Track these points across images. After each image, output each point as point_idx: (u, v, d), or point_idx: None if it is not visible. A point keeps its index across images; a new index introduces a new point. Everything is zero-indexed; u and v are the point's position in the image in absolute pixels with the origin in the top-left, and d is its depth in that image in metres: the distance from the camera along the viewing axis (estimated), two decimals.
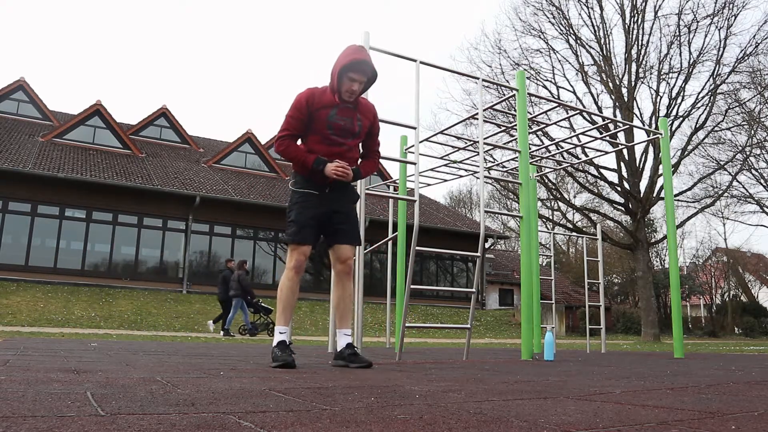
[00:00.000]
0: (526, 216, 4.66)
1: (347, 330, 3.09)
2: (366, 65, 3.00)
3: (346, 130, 3.04)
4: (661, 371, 3.28)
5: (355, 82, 2.98)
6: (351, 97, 3.02)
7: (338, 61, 2.99)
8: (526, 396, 1.81)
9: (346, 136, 3.05)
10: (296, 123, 3.00)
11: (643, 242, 19.71)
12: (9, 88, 21.28)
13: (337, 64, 3.00)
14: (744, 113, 20.53)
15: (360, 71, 2.98)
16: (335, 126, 3.01)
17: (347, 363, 3.00)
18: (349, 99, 3.02)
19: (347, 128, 3.04)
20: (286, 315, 3.01)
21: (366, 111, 3.15)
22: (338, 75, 2.98)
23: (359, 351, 3.09)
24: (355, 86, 2.99)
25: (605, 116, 7.46)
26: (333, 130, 3.01)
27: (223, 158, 22.80)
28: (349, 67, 2.96)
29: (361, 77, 3.00)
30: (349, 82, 2.98)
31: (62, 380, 1.92)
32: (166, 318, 14.06)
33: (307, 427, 1.14)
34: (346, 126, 3.03)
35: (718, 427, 1.25)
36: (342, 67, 2.96)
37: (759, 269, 37.77)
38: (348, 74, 2.97)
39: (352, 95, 3.02)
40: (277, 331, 2.98)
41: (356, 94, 3.03)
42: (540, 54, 20.82)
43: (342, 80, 2.98)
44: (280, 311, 3.01)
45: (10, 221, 16.50)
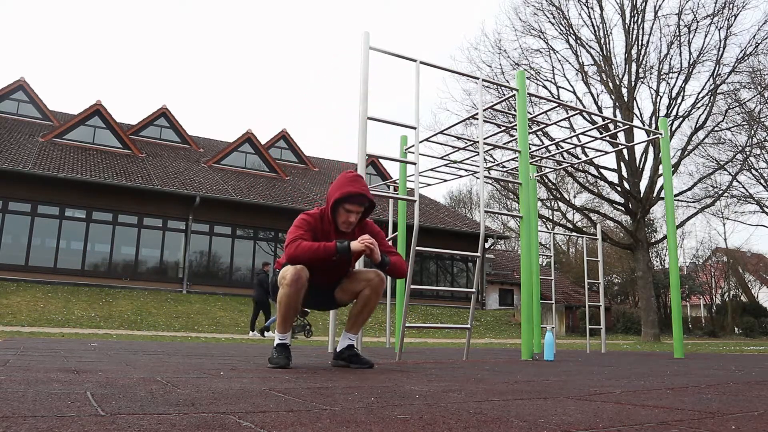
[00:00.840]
0: (526, 216, 4.66)
1: (353, 335, 3.05)
2: (362, 197, 2.89)
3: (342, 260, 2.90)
4: (661, 371, 3.28)
5: (351, 214, 2.90)
6: (348, 228, 2.94)
7: (333, 191, 2.91)
8: (526, 396, 1.81)
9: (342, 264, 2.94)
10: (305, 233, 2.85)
11: (643, 242, 19.70)
12: (9, 88, 21.28)
13: (332, 193, 2.90)
14: (744, 113, 20.52)
15: (356, 203, 2.89)
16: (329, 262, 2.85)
17: (348, 363, 2.99)
18: (346, 230, 2.94)
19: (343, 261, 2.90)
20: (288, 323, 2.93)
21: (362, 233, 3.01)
22: (333, 205, 2.90)
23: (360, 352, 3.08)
24: (352, 217, 2.91)
25: (605, 116, 7.47)
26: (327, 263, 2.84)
27: (223, 158, 22.80)
28: (345, 200, 2.87)
29: (358, 208, 2.90)
30: (345, 214, 2.90)
31: (62, 380, 1.92)
32: (166, 318, 14.06)
33: (307, 427, 1.14)
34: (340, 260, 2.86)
35: (718, 427, 1.25)
36: (335, 200, 2.87)
37: (759, 269, 37.77)
38: (344, 206, 2.88)
39: (350, 227, 2.94)
40: (277, 337, 2.93)
41: (354, 225, 2.95)
42: (540, 54, 20.82)
43: (338, 211, 2.91)
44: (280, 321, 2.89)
45: (10, 221, 16.50)
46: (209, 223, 19.01)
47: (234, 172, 22.29)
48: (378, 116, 4.01)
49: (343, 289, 3.01)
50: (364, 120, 3.99)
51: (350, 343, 3.04)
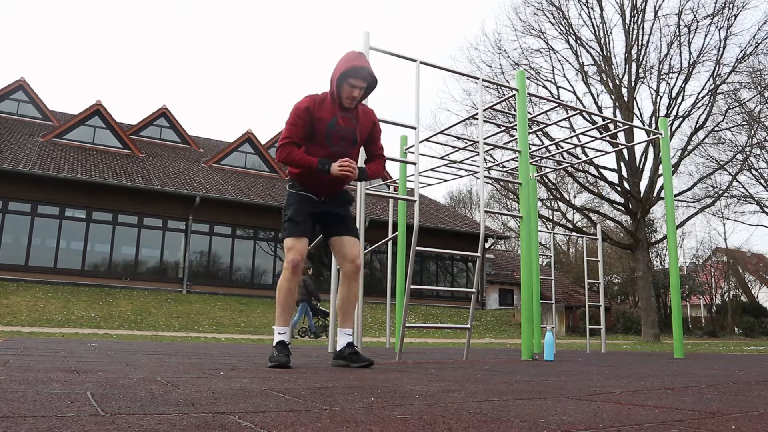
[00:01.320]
0: (526, 216, 4.66)
1: (348, 330, 3.08)
2: (365, 71, 2.99)
3: (345, 139, 3.04)
4: (661, 371, 3.28)
5: (355, 88, 2.97)
6: (352, 103, 3.02)
7: (337, 68, 2.98)
8: (526, 396, 1.81)
9: (345, 144, 3.05)
10: (298, 130, 2.97)
11: (643, 242, 19.70)
12: (9, 88, 21.28)
13: (336, 70, 2.98)
14: (744, 113, 20.52)
15: (360, 77, 2.97)
16: (334, 135, 3.00)
17: (348, 362, 2.99)
18: (350, 105, 3.02)
19: (346, 137, 3.04)
20: (286, 315, 3.01)
21: (365, 118, 3.15)
22: (338, 81, 2.97)
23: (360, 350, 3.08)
24: (356, 92, 2.98)
25: (605, 116, 7.46)
26: (332, 139, 3.00)
27: (223, 158, 22.79)
28: (349, 74, 2.95)
29: (361, 83, 2.98)
30: (349, 88, 2.97)
31: (62, 380, 1.92)
32: (166, 318, 14.06)
33: (307, 427, 1.14)
34: (345, 135, 3.03)
35: (718, 427, 1.25)
36: (341, 73, 2.94)
37: (759, 269, 37.77)
38: (348, 80, 2.96)
39: (353, 101, 3.01)
40: (276, 332, 2.98)
41: (357, 100, 3.02)
42: (540, 54, 20.82)
43: (342, 86, 2.97)
44: (279, 312, 3.00)
45: (10, 221, 16.50)
46: (209, 223, 19.00)
47: (234, 172, 22.29)
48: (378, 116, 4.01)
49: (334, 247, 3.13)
50: None
51: (349, 340, 3.05)
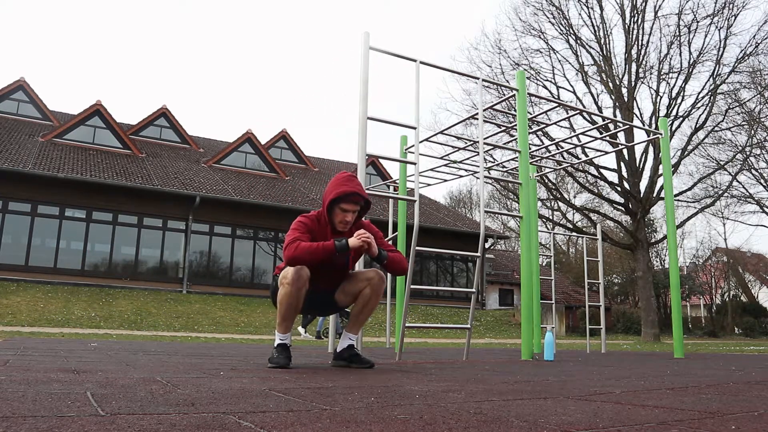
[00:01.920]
0: (526, 216, 4.66)
1: (353, 335, 3.06)
2: (357, 196, 2.91)
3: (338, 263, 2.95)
4: (661, 371, 3.28)
5: (348, 213, 2.92)
6: (345, 227, 2.96)
7: (327, 192, 2.94)
8: (526, 396, 1.81)
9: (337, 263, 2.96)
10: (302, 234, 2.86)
11: (643, 242, 19.70)
12: (9, 88, 21.28)
13: (326, 195, 2.94)
14: (744, 113, 20.52)
15: (351, 201, 2.91)
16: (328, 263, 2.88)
17: (348, 363, 2.99)
18: (343, 230, 2.96)
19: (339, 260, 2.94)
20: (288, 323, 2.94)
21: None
22: (329, 207, 2.93)
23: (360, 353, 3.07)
24: (348, 216, 2.93)
25: (605, 116, 7.46)
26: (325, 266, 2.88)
27: (223, 158, 22.79)
28: (340, 199, 2.90)
29: (353, 207, 2.93)
30: (341, 213, 2.92)
31: (62, 380, 1.92)
32: (166, 318, 14.06)
33: (307, 427, 1.14)
34: (339, 261, 2.93)
35: (718, 427, 1.25)
36: (332, 199, 2.89)
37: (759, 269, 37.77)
38: (340, 205, 2.91)
39: (346, 226, 2.95)
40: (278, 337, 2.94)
41: (350, 224, 2.96)
42: (540, 54, 20.82)
43: (334, 212, 2.93)
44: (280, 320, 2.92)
45: (10, 221, 16.50)
46: (209, 223, 19.00)
47: (234, 172, 22.29)
48: (378, 116, 4.01)
49: (344, 291, 3.02)
50: (364, 120, 3.98)
51: (350, 343, 3.04)
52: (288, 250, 2.76)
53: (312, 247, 2.75)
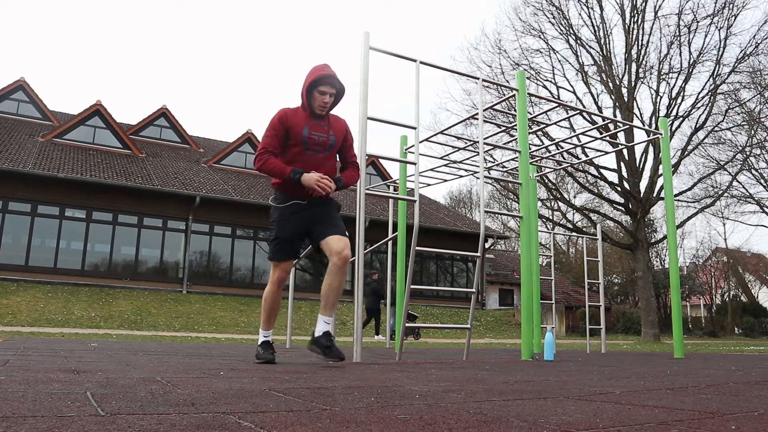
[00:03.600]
0: (526, 216, 4.66)
1: (328, 318, 3.09)
2: (333, 78, 3.15)
3: (319, 144, 3.18)
4: (661, 371, 3.28)
5: (325, 95, 3.14)
6: (324, 110, 3.18)
7: (306, 79, 3.17)
8: (526, 396, 1.81)
9: (320, 149, 3.19)
10: (273, 141, 3.13)
11: (643, 242, 19.70)
12: (9, 88, 21.28)
13: (305, 82, 3.17)
14: (744, 113, 20.52)
15: (328, 84, 3.14)
16: (309, 141, 3.15)
17: (323, 354, 3.01)
18: (321, 112, 3.18)
19: (321, 142, 3.18)
20: (270, 321, 3.27)
21: (337, 125, 3.29)
22: (307, 91, 3.16)
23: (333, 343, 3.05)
24: (327, 98, 3.15)
25: (605, 116, 7.46)
26: (307, 144, 3.15)
27: (223, 158, 22.80)
28: (318, 82, 3.13)
29: (330, 89, 3.15)
30: (320, 96, 3.14)
31: (62, 380, 1.92)
32: (166, 318, 14.06)
33: (307, 427, 1.14)
34: (319, 140, 3.17)
35: (718, 427, 1.25)
36: (310, 83, 3.13)
37: (759, 269, 37.77)
38: (318, 88, 3.13)
39: (325, 107, 3.17)
40: (261, 334, 3.26)
41: (328, 106, 3.18)
42: (540, 54, 20.83)
43: (312, 95, 3.15)
44: (264, 318, 3.26)
45: (10, 221, 16.50)
46: (209, 223, 19.00)
47: (234, 172, 22.30)
48: (378, 116, 4.01)
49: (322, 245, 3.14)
50: (364, 120, 3.98)
51: (327, 330, 3.06)
52: (257, 162, 3.12)
53: (273, 169, 3.08)
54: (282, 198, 3.18)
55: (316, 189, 3.03)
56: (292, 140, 3.14)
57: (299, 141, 3.13)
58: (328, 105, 3.17)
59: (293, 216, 3.15)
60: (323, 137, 3.19)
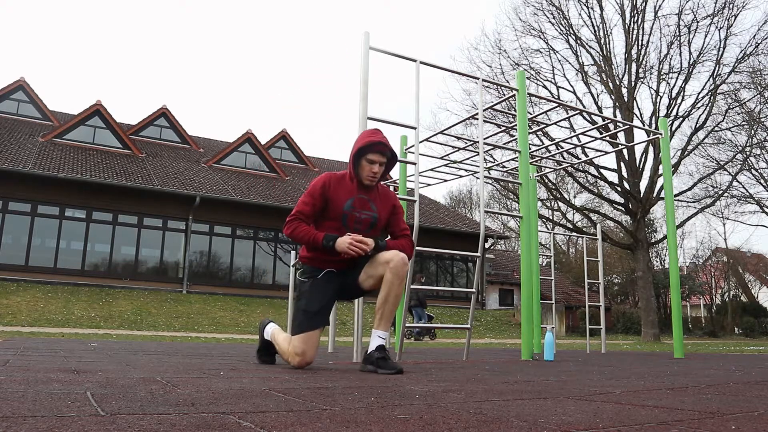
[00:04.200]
0: (526, 216, 4.66)
1: (382, 333, 2.81)
2: (384, 146, 2.87)
3: (362, 222, 2.89)
4: (661, 371, 3.28)
5: (375, 164, 2.85)
6: (373, 180, 2.89)
7: (354, 146, 2.90)
8: (526, 396, 1.81)
9: (362, 228, 2.89)
10: (308, 209, 2.85)
11: (643, 242, 19.70)
12: (9, 88, 21.28)
13: (353, 148, 2.89)
14: (744, 113, 20.52)
15: (378, 152, 2.85)
16: (349, 217, 2.87)
17: (376, 368, 2.71)
18: (371, 183, 2.89)
19: (364, 221, 2.90)
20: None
21: (385, 200, 3.00)
22: (354, 159, 2.87)
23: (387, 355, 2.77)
24: (376, 168, 2.86)
25: (605, 116, 7.46)
26: (346, 220, 2.86)
27: (223, 158, 22.80)
28: (367, 149, 2.84)
29: (381, 158, 2.86)
30: (368, 165, 2.85)
31: (62, 380, 1.92)
32: (166, 318, 14.06)
33: (307, 427, 1.14)
34: (363, 219, 2.89)
35: (718, 427, 1.25)
36: (357, 150, 2.85)
37: (759, 269, 37.77)
38: (366, 156, 2.85)
39: (374, 178, 2.88)
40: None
41: (378, 176, 2.89)
42: (540, 54, 20.82)
43: (360, 164, 2.87)
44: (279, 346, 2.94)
45: (10, 221, 16.50)
46: (209, 223, 19.01)
47: (234, 172, 22.29)
48: (378, 116, 4.01)
49: (367, 274, 2.87)
50: (364, 120, 3.98)
51: (380, 344, 2.77)
52: (287, 228, 2.86)
53: (304, 236, 2.80)
54: (309, 272, 2.90)
55: (349, 252, 2.73)
56: (330, 213, 2.86)
57: (339, 216, 2.85)
58: (378, 175, 2.87)
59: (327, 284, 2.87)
60: (366, 215, 2.90)
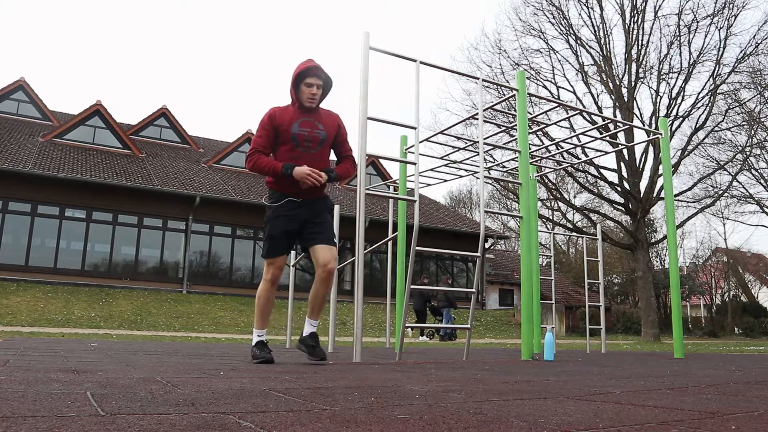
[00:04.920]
0: (526, 216, 4.66)
1: (314, 321, 3.25)
2: (319, 70, 3.15)
3: (310, 140, 3.17)
4: (661, 371, 3.28)
5: (312, 86, 3.13)
6: (313, 102, 3.16)
7: (293, 74, 3.16)
8: (526, 396, 1.81)
9: (311, 146, 3.17)
10: (262, 140, 3.14)
11: (643, 242, 19.70)
12: (9, 88, 21.28)
13: (292, 77, 3.16)
14: (744, 113, 20.52)
15: (314, 75, 3.13)
16: (299, 137, 3.14)
17: (308, 352, 3.18)
18: (311, 105, 3.16)
19: (311, 138, 3.17)
20: (264, 320, 3.28)
21: (328, 119, 3.27)
22: (294, 86, 3.15)
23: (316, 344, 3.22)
24: (314, 89, 3.13)
25: (605, 116, 7.46)
26: (297, 141, 3.14)
27: (223, 158, 22.79)
28: (304, 74, 3.12)
29: (317, 80, 3.14)
30: (307, 89, 3.13)
31: (62, 380, 1.92)
32: (166, 318, 14.06)
33: (307, 427, 1.14)
34: (310, 136, 3.16)
35: (718, 427, 1.25)
36: (296, 76, 3.13)
37: (759, 269, 37.77)
38: (305, 81, 3.13)
39: (314, 99, 3.15)
40: (255, 334, 3.26)
41: (317, 97, 3.16)
42: (540, 54, 20.82)
43: (299, 89, 3.15)
44: (258, 317, 3.27)
45: (10, 221, 16.50)
46: (209, 223, 19.00)
47: (234, 172, 22.29)
48: (378, 116, 4.01)
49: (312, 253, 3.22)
50: (364, 120, 3.98)
51: (312, 331, 3.22)
52: (248, 162, 3.16)
53: (264, 167, 3.11)
54: (276, 197, 3.20)
55: (307, 181, 3.04)
56: (282, 138, 3.15)
57: (289, 138, 3.13)
58: (317, 97, 3.16)
59: (286, 214, 3.17)
60: (315, 133, 3.17)
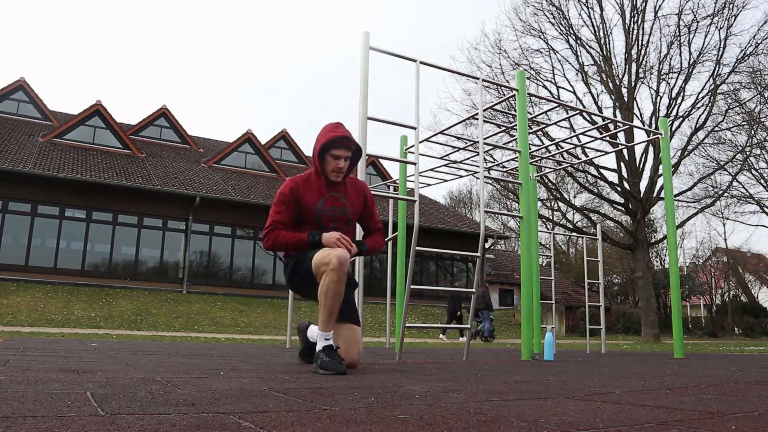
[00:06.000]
0: (526, 216, 4.66)
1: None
2: (348, 140, 2.83)
3: (338, 220, 2.87)
4: (661, 371, 3.28)
5: (340, 159, 2.81)
6: (339, 176, 2.85)
7: (317, 142, 2.85)
8: (526, 396, 1.81)
9: (338, 226, 2.87)
10: (282, 216, 2.80)
11: (643, 242, 19.70)
12: (9, 88, 21.27)
13: (316, 144, 2.85)
14: (744, 113, 20.53)
15: (342, 146, 2.81)
16: (324, 218, 2.84)
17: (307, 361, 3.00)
18: (337, 179, 2.86)
19: (339, 218, 2.88)
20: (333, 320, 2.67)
21: (354, 191, 2.96)
22: (319, 156, 2.82)
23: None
24: (341, 163, 2.82)
25: (605, 116, 7.46)
26: (322, 221, 2.84)
27: (223, 158, 22.79)
28: (330, 145, 2.80)
29: (345, 152, 2.82)
30: (333, 161, 2.81)
31: (62, 380, 1.92)
32: (166, 318, 14.06)
33: (307, 427, 1.14)
34: (337, 216, 2.87)
35: (718, 427, 1.25)
36: (322, 146, 2.80)
37: (759, 269, 37.78)
38: (330, 152, 2.80)
39: (340, 174, 2.84)
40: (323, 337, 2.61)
41: (343, 171, 2.85)
42: (540, 54, 20.83)
43: (325, 159, 2.82)
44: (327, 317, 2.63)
45: (10, 221, 16.49)
46: (209, 223, 19.00)
47: (234, 172, 22.29)
48: (378, 116, 4.01)
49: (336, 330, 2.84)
50: (364, 120, 3.98)
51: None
52: (266, 241, 2.79)
53: (288, 241, 2.76)
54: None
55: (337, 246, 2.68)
56: (305, 217, 2.82)
57: (313, 219, 2.81)
58: (344, 170, 2.84)
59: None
60: (340, 212, 2.87)
